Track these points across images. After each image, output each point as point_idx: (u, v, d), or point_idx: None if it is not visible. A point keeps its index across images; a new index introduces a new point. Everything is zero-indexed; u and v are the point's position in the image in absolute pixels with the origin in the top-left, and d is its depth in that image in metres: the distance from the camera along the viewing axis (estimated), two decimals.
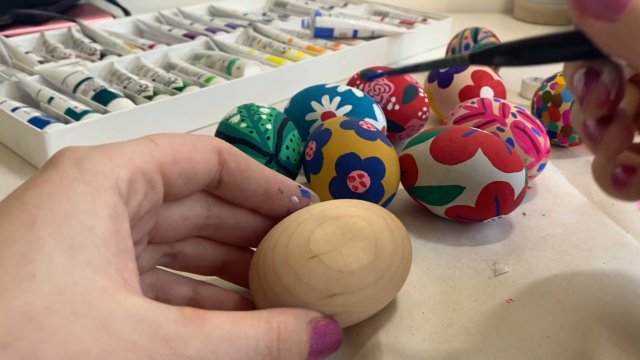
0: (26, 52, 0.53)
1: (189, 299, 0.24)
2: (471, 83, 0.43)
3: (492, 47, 0.19)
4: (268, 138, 0.32)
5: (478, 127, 0.35)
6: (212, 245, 0.25)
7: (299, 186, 0.25)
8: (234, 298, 0.25)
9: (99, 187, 0.17)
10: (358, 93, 0.37)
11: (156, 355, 0.15)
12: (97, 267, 0.16)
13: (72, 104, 0.42)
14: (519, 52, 0.19)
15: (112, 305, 0.16)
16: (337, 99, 0.37)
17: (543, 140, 0.34)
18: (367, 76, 0.25)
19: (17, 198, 0.17)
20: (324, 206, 0.24)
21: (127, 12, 0.75)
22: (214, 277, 0.26)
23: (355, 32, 0.61)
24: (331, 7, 0.73)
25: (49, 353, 0.14)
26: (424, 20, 0.68)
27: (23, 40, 0.58)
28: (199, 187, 0.22)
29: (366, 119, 0.36)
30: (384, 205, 0.32)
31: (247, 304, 0.25)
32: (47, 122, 0.40)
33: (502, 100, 0.36)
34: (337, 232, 0.22)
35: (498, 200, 0.30)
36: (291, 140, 0.34)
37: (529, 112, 0.36)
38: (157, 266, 0.24)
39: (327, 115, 0.36)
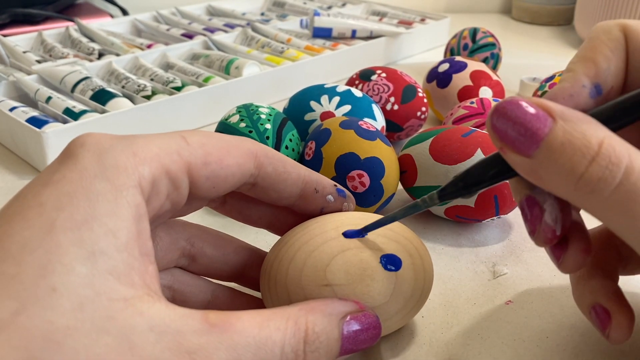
0: (24, 52, 0.53)
1: (207, 303, 0.23)
2: (470, 83, 0.43)
3: (457, 181, 0.20)
4: (267, 138, 0.32)
5: (477, 127, 0.35)
6: (234, 248, 0.24)
7: (335, 185, 0.24)
8: (253, 301, 0.24)
9: (122, 186, 0.16)
10: (357, 93, 0.37)
11: None
12: (120, 274, 0.15)
13: (70, 103, 0.42)
14: (472, 187, 0.19)
15: (134, 317, 0.15)
16: (336, 99, 0.37)
17: None
18: (347, 234, 0.22)
19: (33, 197, 0.16)
20: (354, 226, 0.22)
21: (125, 12, 0.75)
22: (233, 283, 0.25)
23: (354, 32, 0.61)
24: (329, 7, 0.73)
25: None
26: (423, 20, 0.68)
27: (21, 39, 0.58)
28: (227, 191, 0.21)
29: (365, 119, 0.36)
30: (384, 205, 0.32)
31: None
32: (45, 122, 0.40)
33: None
34: (358, 265, 0.21)
35: (497, 200, 0.30)
36: (290, 140, 0.33)
37: None
38: (176, 267, 0.23)
39: (326, 115, 0.36)
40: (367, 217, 0.23)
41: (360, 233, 0.22)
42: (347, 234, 0.22)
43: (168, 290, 0.23)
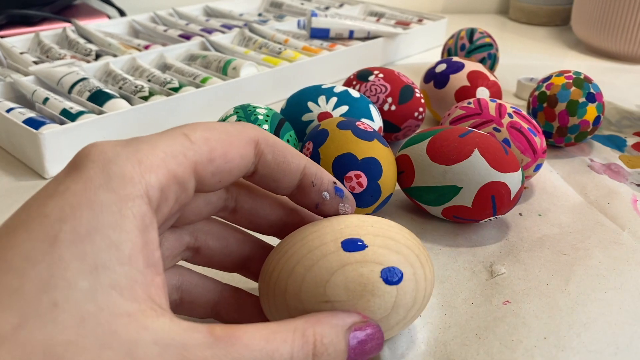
0: (21, 53, 0.53)
1: (214, 302, 0.23)
2: (467, 83, 0.43)
3: None
4: None
5: (474, 127, 0.35)
6: (237, 240, 0.24)
7: (335, 182, 0.23)
8: (258, 300, 0.24)
9: (127, 196, 0.16)
10: (354, 93, 0.37)
11: None
12: (123, 288, 0.15)
13: (68, 104, 0.42)
14: None
15: (138, 332, 0.15)
16: (334, 100, 0.37)
17: (539, 141, 0.34)
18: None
19: (37, 208, 0.16)
20: (353, 233, 0.22)
21: (122, 13, 0.75)
22: (236, 274, 0.25)
23: (351, 32, 0.61)
24: (327, 8, 0.73)
25: None
26: (420, 20, 0.68)
27: (18, 40, 0.58)
28: (231, 182, 0.21)
29: (363, 120, 0.36)
30: (381, 206, 0.32)
31: None
32: (42, 123, 0.39)
33: (498, 101, 0.36)
34: (358, 281, 0.20)
35: (494, 201, 0.30)
36: (288, 140, 0.33)
37: (525, 113, 0.36)
38: (182, 264, 0.23)
39: (324, 115, 0.36)
40: (366, 224, 0.22)
41: (359, 245, 0.21)
42: (346, 246, 0.21)
43: (176, 292, 0.23)
